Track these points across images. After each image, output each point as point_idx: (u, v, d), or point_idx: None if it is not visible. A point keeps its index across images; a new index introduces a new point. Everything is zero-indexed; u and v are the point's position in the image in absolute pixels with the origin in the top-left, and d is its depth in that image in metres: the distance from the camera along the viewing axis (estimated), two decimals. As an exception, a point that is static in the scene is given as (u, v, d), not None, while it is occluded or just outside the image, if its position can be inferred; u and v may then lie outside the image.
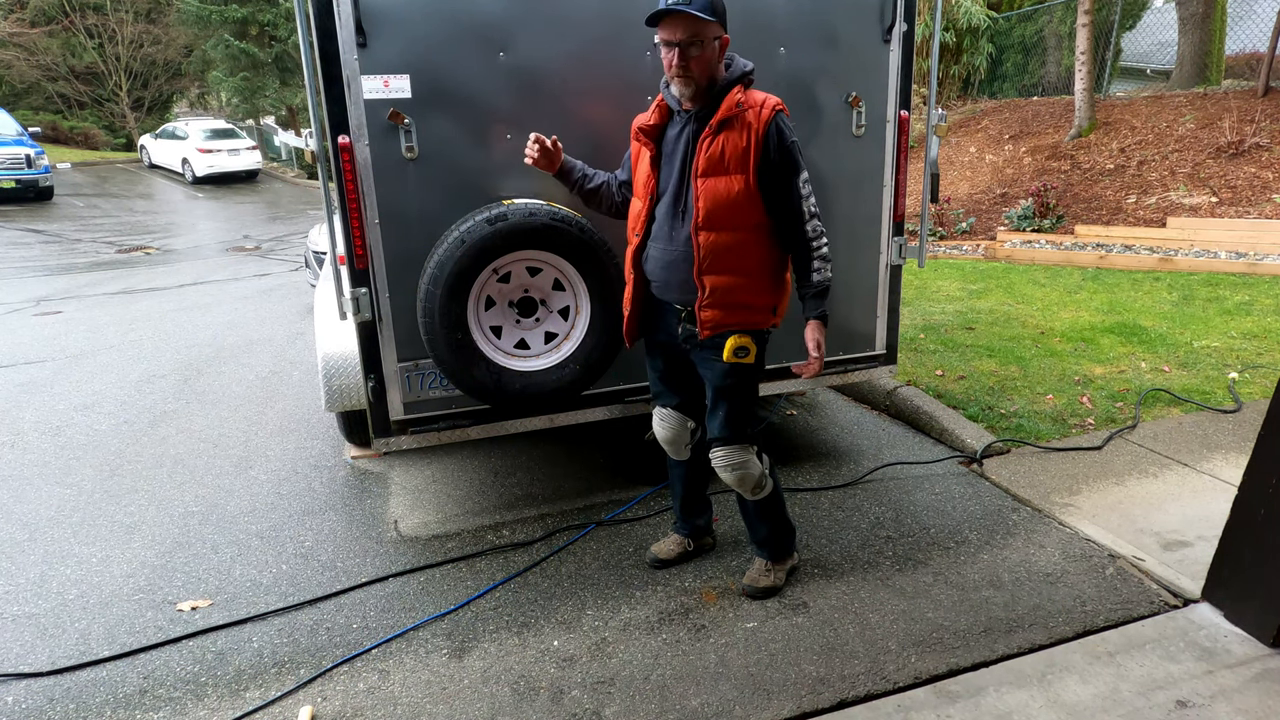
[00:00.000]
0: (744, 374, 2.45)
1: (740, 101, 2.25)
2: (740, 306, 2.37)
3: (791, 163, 2.30)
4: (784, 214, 2.34)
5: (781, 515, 2.66)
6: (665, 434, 2.69)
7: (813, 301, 2.39)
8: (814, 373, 2.41)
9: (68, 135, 25.94)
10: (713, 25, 2.19)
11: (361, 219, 2.67)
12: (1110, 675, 2.21)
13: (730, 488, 2.58)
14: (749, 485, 2.53)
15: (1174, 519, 3.00)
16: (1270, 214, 7.65)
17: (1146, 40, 14.71)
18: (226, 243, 11.75)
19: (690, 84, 2.24)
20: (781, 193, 2.31)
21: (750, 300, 2.38)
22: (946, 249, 8.97)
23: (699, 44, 2.19)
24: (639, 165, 2.45)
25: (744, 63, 2.33)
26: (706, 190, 2.27)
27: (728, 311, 2.36)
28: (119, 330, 6.55)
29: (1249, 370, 4.47)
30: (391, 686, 2.30)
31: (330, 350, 3.22)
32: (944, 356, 4.90)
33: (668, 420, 2.67)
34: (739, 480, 2.51)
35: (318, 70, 2.52)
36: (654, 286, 2.48)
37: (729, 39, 2.29)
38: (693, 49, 2.19)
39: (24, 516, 3.39)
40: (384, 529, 3.20)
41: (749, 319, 2.40)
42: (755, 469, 2.52)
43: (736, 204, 2.28)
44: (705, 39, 2.19)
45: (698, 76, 2.23)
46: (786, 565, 2.73)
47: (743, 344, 2.38)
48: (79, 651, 2.49)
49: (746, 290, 2.36)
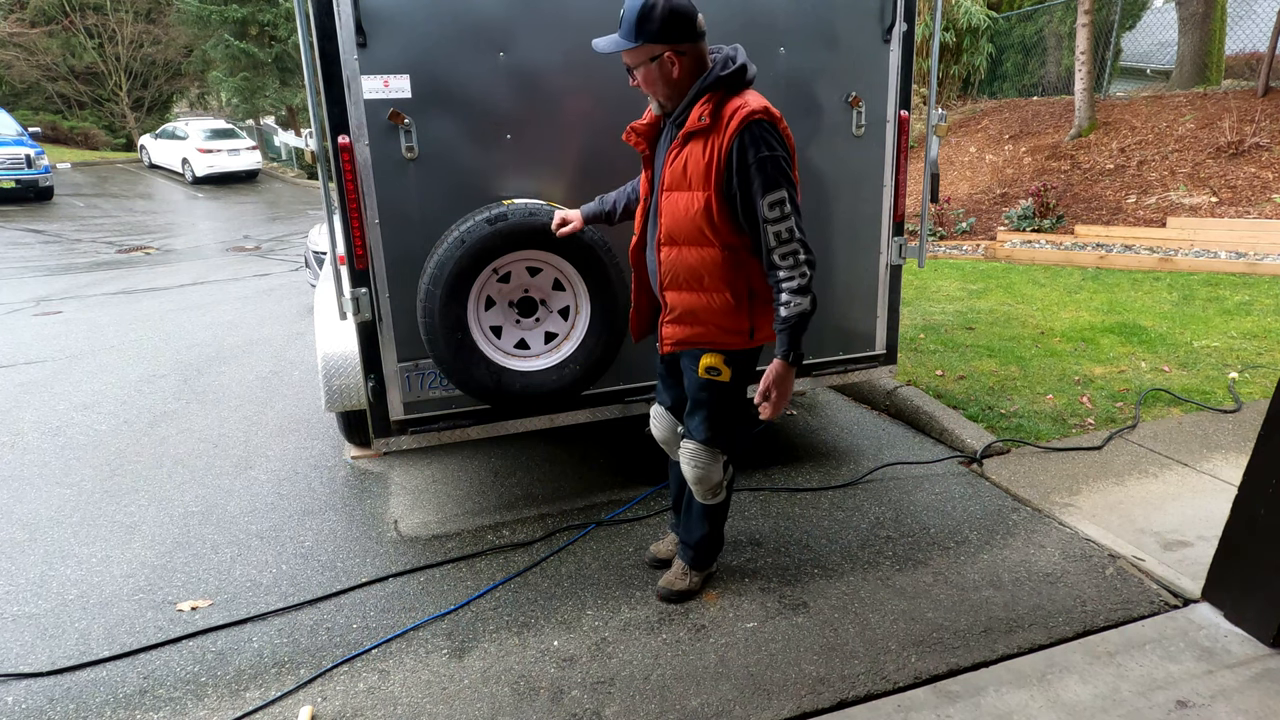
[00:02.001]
0: (717, 390, 2.37)
1: (706, 113, 2.11)
2: (705, 324, 2.27)
3: (754, 181, 2.07)
4: (751, 232, 2.16)
5: (719, 527, 2.67)
6: (659, 433, 2.68)
7: (780, 337, 2.14)
8: (766, 417, 2.22)
9: (68, 135, 25.94)
10: (639, 50, 2.11)
11: (361, 219, 2.67)
12: (1110, 675, 2.21)
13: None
14: (705, 487, 2.51)
15: (1174, 519, 3.00)
16: (1270, 214, 7.65)
17: (1146, 40, 14.72)
18: (226, 243, 11.76)
19: (660, 99, 2.23)
20: (747, 213, 2.14)
21: (718, 321, 2.26)
22: (946, 249, 8.97)
23: (642, 67, 2.16)
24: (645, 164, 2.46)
25: (722, 66, 2.14)
26: (669, 205, 2.22)
27: (690, 329, 2.30)
28: (119, 330, 6.55)
29: (1249, 370, 4.47)
30: (391, 686, 2.30)
31: (330, 350, 3.22)
32: (944, 356, 4.90)
33: (661, 420, 2.65)
34: (697, 480, 2.49)
35: (318, 70, 2.52)
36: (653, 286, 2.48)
37: (688, 48, 2.11)
38: (639, 70, 2.18)
39: (24, 516, 3.39)
40: (384, 529, 3.20)
41: (719, 339, 2.28)
42: (716, 476, 2.49)
43: (696, 222, 2.16)
44: (643, 62, 2.15)
45: (659, 93, 2.20)
46: (704, 573, 2.73)
47: (712, 364, 2.30)
48: (79, 651, 2.49)
49: (711, 310, 2.25)
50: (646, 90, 2.22)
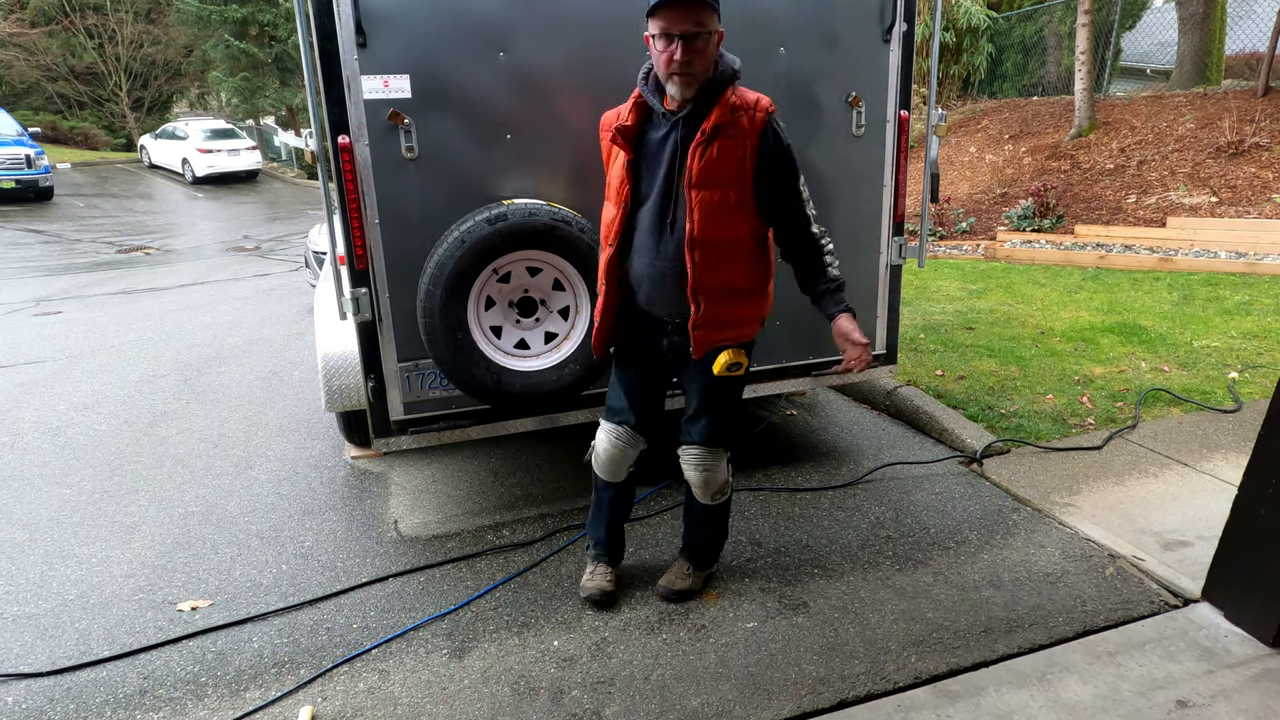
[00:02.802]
0: (734, 385, 2.40)
1: (735, 105, 2.10)
2: (737, 319, 2.28)
3: (792, 168, 2.20)
4: (788, 219, 2.25)
5: (725, 523, 2.65)
6: (614, 453, 2.49)
7: (835, 296, 2.29)
8: (867, 362, 2.29)
9: (68, 135, 25.94)
10: (715, 15, 2.03)
11: (361, 219, 2.67)
12: (1110, 675, 2.21)
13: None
14: (712, 489, 2.48)
15: (1174, 519, 3.00)
16: (1270, 214, 7.65)
17: (1146, 40, 14.71)
18: (226, 243, 11.76)
19: (692, 82, 2.06)
20: (785, 199, 2.21)
21: (743, 315, 2.30)
22: (946, 249, 8.97)
23: (704, 36, 2.00)
24: (612, 168, 2.28)
25: (732, 58, 2.15)
26: (702, 203, 2.12)
27: (723, 330, 2.26)
28: (119, 330, 6.55)
29: (1249, 370, 4.47)
30: (391, 686, 2.30)
31: (330, 350, 3.22)
32: (944, 356, 4.90)
33: (622, 439, 2.47)
34: (704, 483, 2.46)
35: (318, 70, 2.52)
36: (640, 299, 2.32)
37: (724, 33, 2.12)
38: (698, 41, 2.00)
39: (24, 517, 3.39)
40: (384, 529, 3.20)
41: (742, 333, 2.31)
42: (723, 475, 2.48)
43: (734, 216, 2.16)
44: (710, 30, 2.02)
45: (699, 73, 2.05)
46: (706, 573, 2.72)
47: (736, 360, 2.26)
48: (79, 651, 2.49)
49: (742, 306, 2.28)
50: (695, 67, 2.03)
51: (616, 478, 2.57)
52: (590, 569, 2.70)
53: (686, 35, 1.99)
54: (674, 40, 2.00)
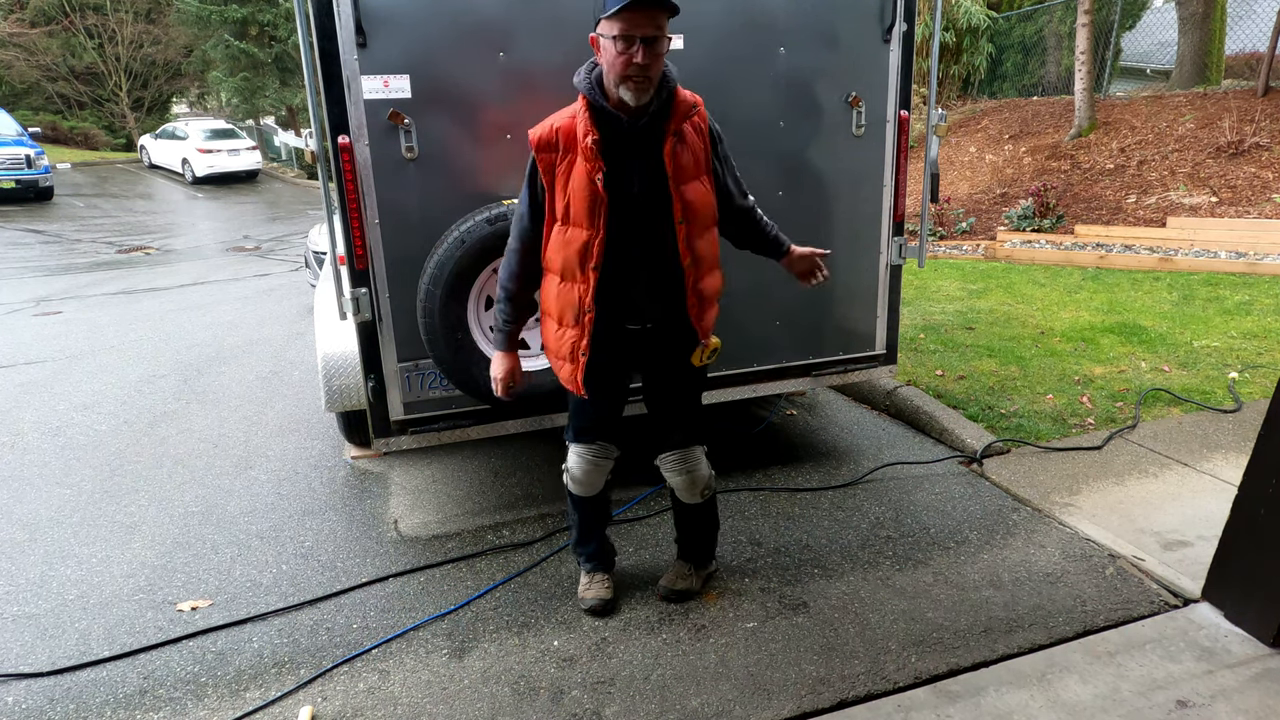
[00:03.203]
0: (703, 378, 2.48)
1: (690, 103, 2.13)
2: (713, 311, 2.35)
3: (728, 153, 2.31)
4: (731, 196, 2.33)
5: (715, 519, 2.66)
6: (591, 470, 2.46)
7: (779, 237, 2.42)
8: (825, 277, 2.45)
9: (68, 135, 25.95)
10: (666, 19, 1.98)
11: (361, 219, 2.67)
12: (1110, 675, 2.21)
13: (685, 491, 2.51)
14: (699, 487, 2.48)
15: (1174, 519, 3.00)
16: (1270, 214, 7.65)
17: (1146, 40, 14.71)
18: (226, 243, 11.76)
19: (649, 86, 1.99)
20: (729, 178, 2.31)
21: (716, 300, 2.37)
22: (946, 249, 8.97)
23: (662, 40, 1.96)
24: (579, 188, 2.08)
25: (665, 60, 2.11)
26: (691, 196, 2.14)
27: (708, 317, 2.32)
28: (119, 330, 6.55)
29: (1249, 370, 4.47)
30: (391, 686, 2.30)
31: (330, 350, 3.22)
32: (944, 356, 4.90)
33: (596, 455, 2.45)
34: (690, 483, 2.46)
35: (318, 70, 2.52)
36: (630, 319, 2.27)
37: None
38: (658, 45, 1.94)
39: (24, 517, 3.39)
40: (384, 529, 3.20)
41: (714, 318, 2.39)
42: (707, 469, 2.49)
43: (711, 206, 2.24)
44: (667, 34, 1.97)
45: (655, 77, 2.00)
46: (706, 572, 2.72)
47: (716, 345, 2.36)
48: (79, 652, 2.49)
49: (716, 291, 2.35)
50: (653, 71, 1.98)
51: (594, 490, 2.54)
52: (586, 579, 2.67)
53: (649, 39, 1.93)
54: (635, 43, 1.93)
